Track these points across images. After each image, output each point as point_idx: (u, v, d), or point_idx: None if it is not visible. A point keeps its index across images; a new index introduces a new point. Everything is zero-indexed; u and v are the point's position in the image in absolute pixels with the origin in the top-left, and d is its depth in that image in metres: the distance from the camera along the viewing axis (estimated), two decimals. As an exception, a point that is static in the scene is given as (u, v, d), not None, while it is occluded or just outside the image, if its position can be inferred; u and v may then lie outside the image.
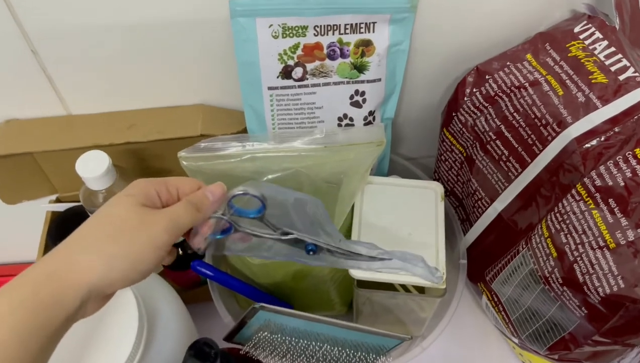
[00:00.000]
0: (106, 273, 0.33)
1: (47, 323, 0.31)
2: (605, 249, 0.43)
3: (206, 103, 0.60)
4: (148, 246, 0.34)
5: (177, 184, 0.39)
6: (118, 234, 0.34)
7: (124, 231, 0.34)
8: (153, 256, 0.35)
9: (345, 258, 0.44)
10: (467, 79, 0.55)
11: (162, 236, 0.35)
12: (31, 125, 0.59)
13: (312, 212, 0.42)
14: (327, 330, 0.45)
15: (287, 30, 0.51)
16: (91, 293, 0.33)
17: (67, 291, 0.32)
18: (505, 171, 0.53)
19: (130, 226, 0.34)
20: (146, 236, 0.34)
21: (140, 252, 0.34)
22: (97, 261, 0.33)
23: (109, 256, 0.34)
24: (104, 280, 0.33)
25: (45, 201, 0.66)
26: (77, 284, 0.32)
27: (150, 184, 0.38)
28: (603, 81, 0.47)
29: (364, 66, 0.54)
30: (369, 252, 0.44)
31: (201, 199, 0.38)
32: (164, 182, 0.38)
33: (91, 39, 0.51)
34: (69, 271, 0.33)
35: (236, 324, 0.45)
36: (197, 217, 0.37)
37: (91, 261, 0.33)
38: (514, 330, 0.57)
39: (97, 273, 0.33)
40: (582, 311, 0.46)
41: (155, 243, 0.35)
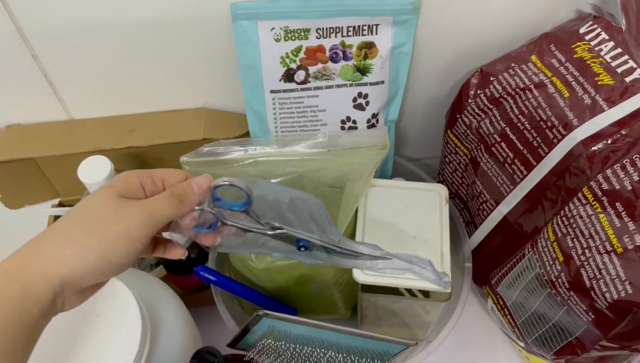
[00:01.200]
0: (76, 264, 0.32)
1: (20, 316, 0.31)
2: (612, 254, 0.42)
3: (208, 106, 0.60)
4: (122, 238, 0.33)
5: (163, 175, 0.38)
6: (91, 225, 0.33)
7: (97, 223, 0.33)
8: (126, 248, 0.33)
9: (344, 257, 0.43)
10: (471, 80, 0.54)
11: (138, 228, 0.34)
12: (33, 130, 0.59)
13: (309, 211, 0.41)
14: (332, 336, 0.45)
15: (289, 33, 0.50)
16: (64, 285, 0.32)
17: (37, 283, 0.31)
18: (510, 174, 0.53)
19: (104, 217, 0.33)
20: (120, 228, 0.33)
21: (112, 244, 0.33)
22: (67, 252, 0.32)
23: (80, 247, 0.33)
24: (75, 271, 0.32)
25: (48, 206, 0.66)
26: (46, 275, 0.32)
27: (134, 175, 0.37)
28: (609, 83, 0.46)
29: (367, 69, 0.54)
30: (372, 252, 0.43)
31: (185, 190, 0.37)
32: (149, 173, 0.37)
33: (92, 44, 0.51)
34: (38, 263, 0.32)
35: (240, 330, 0.45)
36: (179, 209, 0.36)
37: (61, 252, 0.32)
38: (520, 334, 0.56)
39: (66, 264, 0.32)
40: (589, 316, 0.46)
41: (130, 234, 0.33)
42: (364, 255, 0.44)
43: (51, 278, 0.32)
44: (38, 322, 0.32)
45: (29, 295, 0.31)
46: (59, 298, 0.33)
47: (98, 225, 0.33)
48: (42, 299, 0.32)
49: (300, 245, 0.41)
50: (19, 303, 0.31)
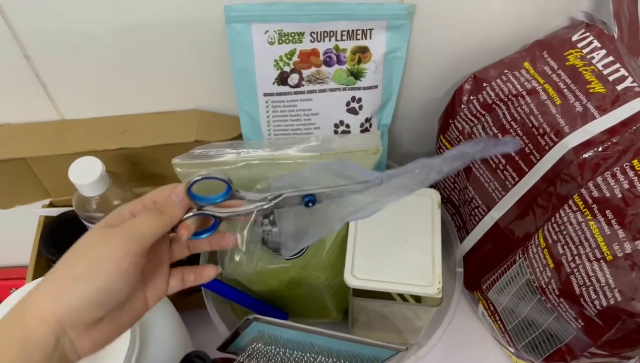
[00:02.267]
0: (68, 297, 0.32)
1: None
2: (602, 261, 0.43)
3: (201, 108, 0.59)
4: (106, 260, 0.32)
5: (153, 197, 0.37)
6: (78, 256, 0.33)
7: (83, 253, 0.33)
8: (114, 270, 0.32)
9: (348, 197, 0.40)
10: (464, 86, 0.54)
11: (120, 248, 0.33)
12: (24, 130, 0.59)
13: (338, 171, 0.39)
14: (323, 341, 0.45)
15: (283, 36, 0.50)
16: (63, 323, 0.31)
17: (35, 327, 0.31)
18: (502, 180, 0.53)
19: (89, 246, 0.33)
20: (104, 250, 0.33)
21: (98, 268, 0.32)
22: (57, 287, 0.32)
23: (68, 279, 0.32)
24: (68, 305, 0.31)
25: (39, 206, 0.66)
26: (42, 316, 0.31)
27: (125, 206, 0.37)
28: (601, 91, 0.46)
29: (361, 73, 0.54)
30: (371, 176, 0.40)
31: (164, 201, 0.37)
32: (140, 200, 0.37)
33: (84, 45, 0.50)
34: (33, 306, 0.32)
35: (230, 334, 0.44)
36: (162, 221, 0.35)
37: (52, 290, 0.32)
38: (510, 340, 0.57)
39: (58, 299, 0.31)
40: (579, 323, 0.46)
41: (114, 255, 0.33)
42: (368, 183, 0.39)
43: (47, 319, 0.31)
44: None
45: (30, 341, 0.31)
46: (64, 339, 0.32)
47: (83, 255, 0.33)
48: (42, 343, 0.31)
49: (307, 201, 0.39)
50: (21, 351, 0.30)
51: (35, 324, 0.31)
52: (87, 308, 0.32)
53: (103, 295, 0.32)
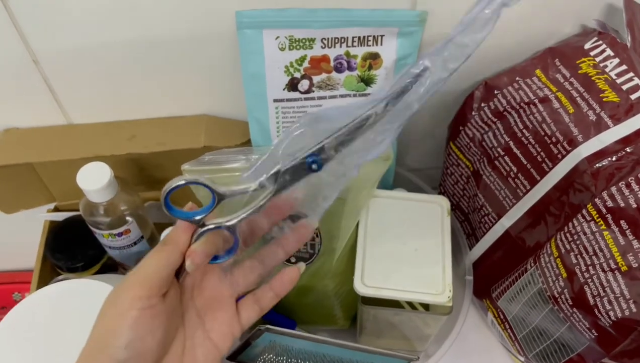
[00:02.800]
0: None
1: None
2: (616, 271, 0.42)
3: (210, 113, 0.59)
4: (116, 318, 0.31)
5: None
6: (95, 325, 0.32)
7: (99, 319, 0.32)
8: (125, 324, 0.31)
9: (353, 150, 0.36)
10: (475, 93, 0.54)
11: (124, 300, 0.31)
12: (31, 134, 0.58)
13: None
14: (334, 351, 0.44)
15: (294, 42, 0.50)
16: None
17: None
18: (513, 188, 0.53)
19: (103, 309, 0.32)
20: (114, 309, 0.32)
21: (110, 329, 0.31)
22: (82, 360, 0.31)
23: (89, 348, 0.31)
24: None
25: (44, 210, 0.65)
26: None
27: None
28: (614, 100, 0.46)
29: (371, 79, 0.53)
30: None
31: (168, 235, 0.34)
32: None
33: (94, 49, 0.50)
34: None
35: (240, 344, 0.44)
36: (166, 252, 0.33)
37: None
38: (521, 349, 0.56)
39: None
40: (592, 334, 0.45)
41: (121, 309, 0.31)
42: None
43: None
44: None
45: None
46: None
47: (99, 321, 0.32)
48: None
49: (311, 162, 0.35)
50: None
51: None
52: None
53: (125, 351, 0.31)
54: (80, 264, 0.61)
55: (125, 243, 0.58)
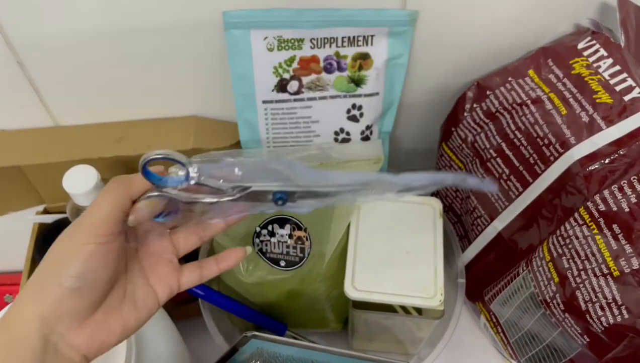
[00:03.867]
0: (43, 292, 0.31)
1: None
2: (608, 277, 0.42)
3: (199, 115, 0.58)
4: (73, 250, 0.32)
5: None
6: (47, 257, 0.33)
7: (51, 251, 0.33)
8: (82, 255, 0.32)
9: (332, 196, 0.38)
10: (467, 94, 0.53)
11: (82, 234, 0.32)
12: (18, 136, 0.57)
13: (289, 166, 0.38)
14: (323, 357, 0.44)
15: (283, 42, 0.49)
16: (49, 320, 0.31)
17: (20, 330, 0.31)
18: (505, 190, 0.52)
19: (56, 245, 0.33)
20: (68, 242, 0.32)
21: (66, 258, 0.32)
22: (32, 287, 0.32)
23: (41, 277, 0.32)
24: (46, 299, 0.31)
25: (33, 212, 0.64)
26: (25, 319, 0.31)
27: None
28: (608, 101, 0.45)
29: (362, 80, 0.53)
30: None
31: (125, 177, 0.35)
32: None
33: (79, 50, 0.49)
34: (15, 310, 0.32)
35: (227, 351, 0.43)
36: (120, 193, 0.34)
37: (28, 291, 0.32)
38: (513, 353, 0.56)
39: (34, 298, 0.31)
40: (584, 340, 0.45)
41: (78, 241, 0.32)
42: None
43: (29, 318, 0.31)
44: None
45: (15, 343, 0.31)
46: (53, 337, 0.31)
47: (51, 252, 0.33)
48: (29, 343, 0.31)
49: (278, 198, 0.37)
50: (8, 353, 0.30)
51: (18, 326, 0.31)
52: (65, 297, 0.31)
53: (76, 280, 0.32)
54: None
55: (113, 246, 0.57)
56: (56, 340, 0.32)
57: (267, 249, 0.53)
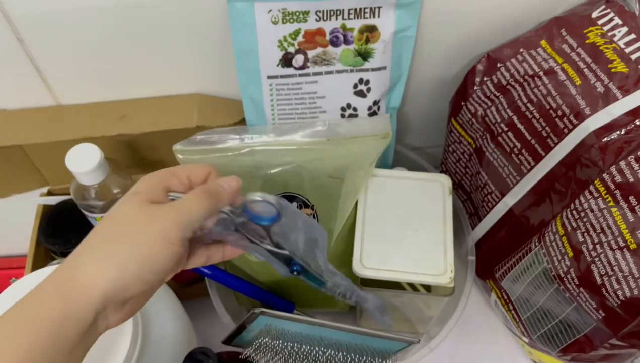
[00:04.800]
0: (117, 276, 0.31)
1: (58, 341, 0.29)
2: (625, 249, 0.41)
3: (202, 92, 0.57)
4: (158, 243, 0.32)
5: (188, 172, 0.36)
6: (125, 234, 0.32)
7: (131, 231, 0.32)
8: (166, 252, 0.32)
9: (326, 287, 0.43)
10: (477, 67, 0.52)
11: (172, 231, 0.32)
12: (19, 116, 0.57)
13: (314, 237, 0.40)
14: (331, 334, 0.43)
15: (287, 15, 0.48)
16: (107, 301, 0.31)
17: (77, 303, 0.30)
18: (517, 165, 0.51)
19: (137, 224, 0.32)
20: (156, 232, 0.32)
21: (151, 249, 0.31)
22: (105, 265, 0.31)
23: (118, 257, 0.31)
24: (116, 284, 0.31)
25: (37, 194, 0.64)
26: (87, 292, 0.30)
27: (158, 178, 0.35)
28: (623, 70, 0.44)
29: (369, 53, 0.51)
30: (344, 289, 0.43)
31: (216, 188, 0.35)
32: (173, 173, 0.35)
33: (80, 26, 0.48)
34: (76, 282, 0.30)
35: (235, 328, 0.43)
36: (212, 206, 0.34)
37: (99, 267, 0.31)
38: (525, 330, 0.55)
39: (106, 278, 0.30)
40: (599, 314, 0.44)
41: (167, 238, 0.32)
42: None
43: (92, 294, 0.30)
44: (76, 345, 0.30)
45: (69, 316, 0.30)
46: (101, 315, 0.31)
47: (132, 233, 0.32)
48: (82, 318, 0.30)
49: (294, 269, 0.40)
50: (56, 327, 0.29)
51: (78, 300, 0.30)
52: (135, 285, 0.31)
53: (152, 274, 0.32)
54: (74, 248, 0.60)
55: (118, 227, 0.56)
56: (101, 318, 0.31)
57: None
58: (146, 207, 0.33)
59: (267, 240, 0.38)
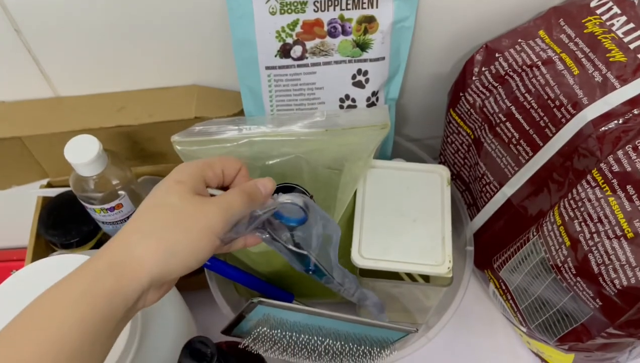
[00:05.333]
0: (166, 260, 0.33)
1: (108, 315, 0.31)
2: (622, 239, 0.41)
3: (201, 84, 0.57)
4: (206, 234, 0.34)
5: (222, 165, 0.38)
6: (176, 222, 0.34)
7: (181, 220, 0.34)
8: (210, 244, 0.34)
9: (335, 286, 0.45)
10: (476, 57, 0.52)
11: (219, 224, 0.34)
12: (18, 108, 0.57)
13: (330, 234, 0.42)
14: (330, 323, 0.43)
15: (285, 5, 0.48)
16: (152, 283, 0.33)
17: (128, 282, 0.32)
18: (515, 155, 0.51)
19: (187, 215, 0.34)
20: (204, 224, 0.34)
21: (199, 239, 0.34)
22: (157, 249, 0.33)
23: (169, 243, 0.33)
24: (164, 267, 0.33)
25: (36, 186, 0.64)
26: (138, 274, 0.32)
27: (197, 168, 0.37)
28: (621, 60, 0.44)
29: (367, 44, 0.51)
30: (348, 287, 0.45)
31: (254, 190, 0.38)
32: (210, 165, 0.38)
33: (78, 17, 0.48)
34: (129, 263, 0.32)
35: (234, 318, 0.43)
36: (250, 207, 0.37)
37: (151, 251, 0.33)
38: (523, 320, 0.55)
39: (156, 261, 0.33)
40: (596, 303, 0.44)
41: (213, 231, 0.34)
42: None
43: (142, 276, 0.32)
44: (120, 321, 0.32)
45: (118, 295, 0.32)
46: (144, 295, 0.33)
47: (182, 222, 0.34)
48: (129, 298, 0.32)
49: (309, 269, 0.42)
50: (107, 302, 0.31)
51: (129, 280, 0.32)
52: (178, 270, 0.34)
53: (195, 263, 0.34)
54: (74, 240, 0.60)
55: (117, 218, 0.56)
56: (142, 299, 0.33)
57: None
58: (192, 198, 0.35)
59: (289, 240, 0.40)
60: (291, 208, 0.39)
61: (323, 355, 0.45)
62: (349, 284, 0.45)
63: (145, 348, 0.44)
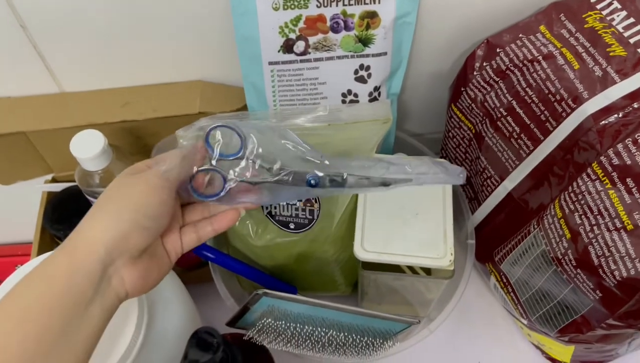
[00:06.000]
0: (114, 225, 0.34)
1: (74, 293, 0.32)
2: (622, 231, 0.41)
3: (205, 79, 0.58)
4: (145, 190, 0.35)
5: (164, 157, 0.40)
6: (117, 193, 0.36)
7: (120, 191, 0.36)
8: (154, 198, 0.35)
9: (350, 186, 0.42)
10: (477, 52, 0.52)
11: (154, 179, 0.36)
12: (23, 103, 0.57)
13: (295, 142, 0.42)
14: (333, 315, 0.44)
15: (288, 1, 0.48)
16: (111, 251, 0.33)
17: (83, 256, 0.33)
18: (516, 149, 0.51)
19: (125, 186, 0.36)
20: (142, 183, 0.36)
21: (141, 197, 0.35)
22: (102, 218, 0.34)
23: (113, 209, 0.34)
24: (115, 232, 0.33)
25: (41, 181, 0.64)
26: (90, 246, 0.33)
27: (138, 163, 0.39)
28: (622, 54, 0.44)
29: (369, 39, 0.52)
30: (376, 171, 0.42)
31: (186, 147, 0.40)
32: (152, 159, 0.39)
33: (83, 13, 0.48)
34: (80, 238, 0.33)
35: (239, 310, 0.44)
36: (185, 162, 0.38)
37: (97, 222, 0.34)
38: (524, 312, 0.56)
39: (105, 227, 0.33)
40: (596, 295, 0.45)
41: (151, 185, 0.36)
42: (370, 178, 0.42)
43: (95, 247, 0.33)
44: (91, 300, 0.33)
45: (79, 272, 0.32)
46: (110, 268, 0.34)
47: (122, 188, 0.36)
48: (91, 270, 0.33)
49: (310, 181, 0.41)
50: (67, 280, 0.32)
51: (83, 253, 0.33)
52: (134, 233, 0.34)
53: (148, 220, 0.35)
54: (79, 235, 0.60)
55: (122, 212, 0.57)
56: (112, 272, 0.34)
57: (276, 212, 0.52)
58: (130, 176, 0.37)
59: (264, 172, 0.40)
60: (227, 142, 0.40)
61: (327, 346, 0.46)
62: (385, 168, 0.42)
63: (151, 340, 0.45)
